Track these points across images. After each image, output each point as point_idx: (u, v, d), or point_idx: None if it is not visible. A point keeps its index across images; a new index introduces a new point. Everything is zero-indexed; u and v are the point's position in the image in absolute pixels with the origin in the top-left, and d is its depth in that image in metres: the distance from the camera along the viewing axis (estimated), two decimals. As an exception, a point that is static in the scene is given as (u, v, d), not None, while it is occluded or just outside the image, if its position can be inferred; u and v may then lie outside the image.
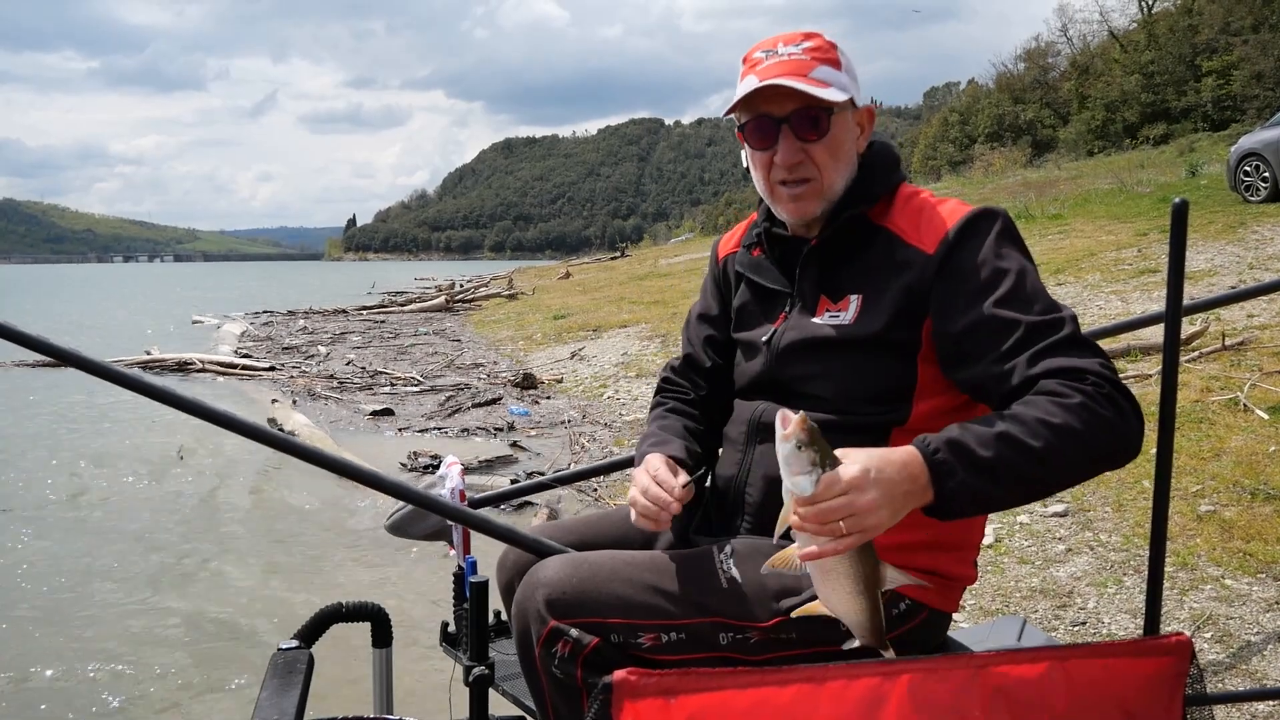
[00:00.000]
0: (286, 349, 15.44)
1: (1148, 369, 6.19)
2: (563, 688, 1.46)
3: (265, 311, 24.38)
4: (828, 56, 1.50)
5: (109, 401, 10.11)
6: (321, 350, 14.93)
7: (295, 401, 9.61)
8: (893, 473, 1.17)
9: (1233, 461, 4.34)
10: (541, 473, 6.25)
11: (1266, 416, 4.87)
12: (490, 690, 1.75)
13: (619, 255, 44.41)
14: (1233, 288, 7.60)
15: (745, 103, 1.51)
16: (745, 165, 1.61)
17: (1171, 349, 1.54)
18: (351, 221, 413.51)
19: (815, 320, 1.53)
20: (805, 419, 1.14)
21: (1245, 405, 5.07)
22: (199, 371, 12.80)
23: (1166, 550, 1.53)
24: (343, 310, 23.41)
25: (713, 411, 1.75)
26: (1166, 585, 3.26)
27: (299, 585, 4.67)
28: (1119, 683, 1.26)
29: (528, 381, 10.20)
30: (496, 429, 8.15)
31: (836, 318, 1.51)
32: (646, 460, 1.55)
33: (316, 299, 29.06)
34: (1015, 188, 24.29)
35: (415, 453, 7.12)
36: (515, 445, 7.46)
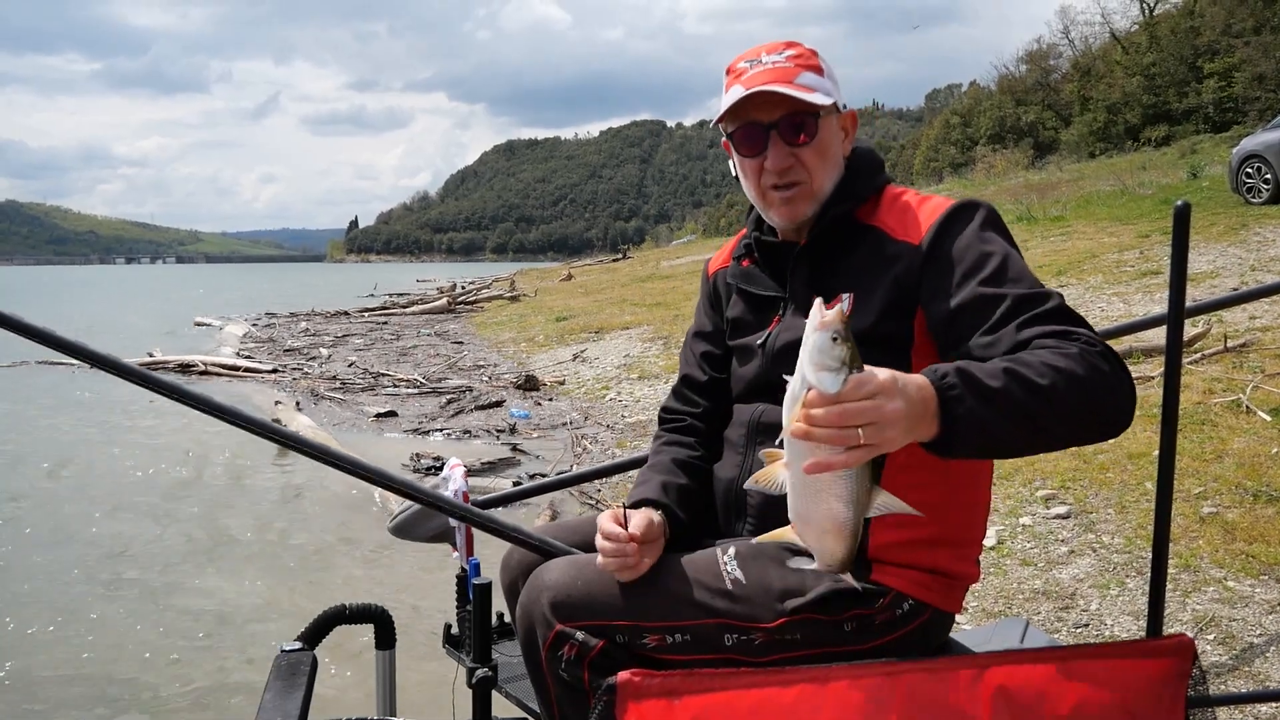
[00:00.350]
0: (289, 351, 15.45)
1: (1150, 371, 6.19)
2: (569, 690, 1.46)
3: (267, 313, 24.41)
4: (810, 63, 1.54)
5: (115, 400, 10.13)
6: (324, 352, 14.94)
7: (298, 403, 9.62)
8: (912, 391, 1.12)
9: (1235, 463, 4.34)
10: (544, 474, 6.26)
11: (1269, 418, 4.87)
12: (493, 692, 1.75)
13: (621, 257, 44.43)
14: (1235, 289, 7.60)
15: (733, 112, 1.54)
16: (734, 175, 1.64)
17: (1174, 351, 1.54)
18: (354, 223, 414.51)
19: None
20: (844, 312, 1.07)
21: (1247, 407, 5.06)
22: (201, 373, 12.81)
23: (1169, 552, 1.53)
24: (345, 312, 23.42)
25: (714, 424, 1.76)
26: (1169, 587, 3.25)
27: (302, 587, 4.69)
28: (1121, 684, 1.26)
29: (530, 383, 10.21)
30: (499, 431, 8.15)
31: None
32: (598, 521, 1.55)
33: (318, 301, 29.08)
34: (1017, 189, 24.29)
35: (418, 454, 7.13)
36: (517, 448, 7.47)
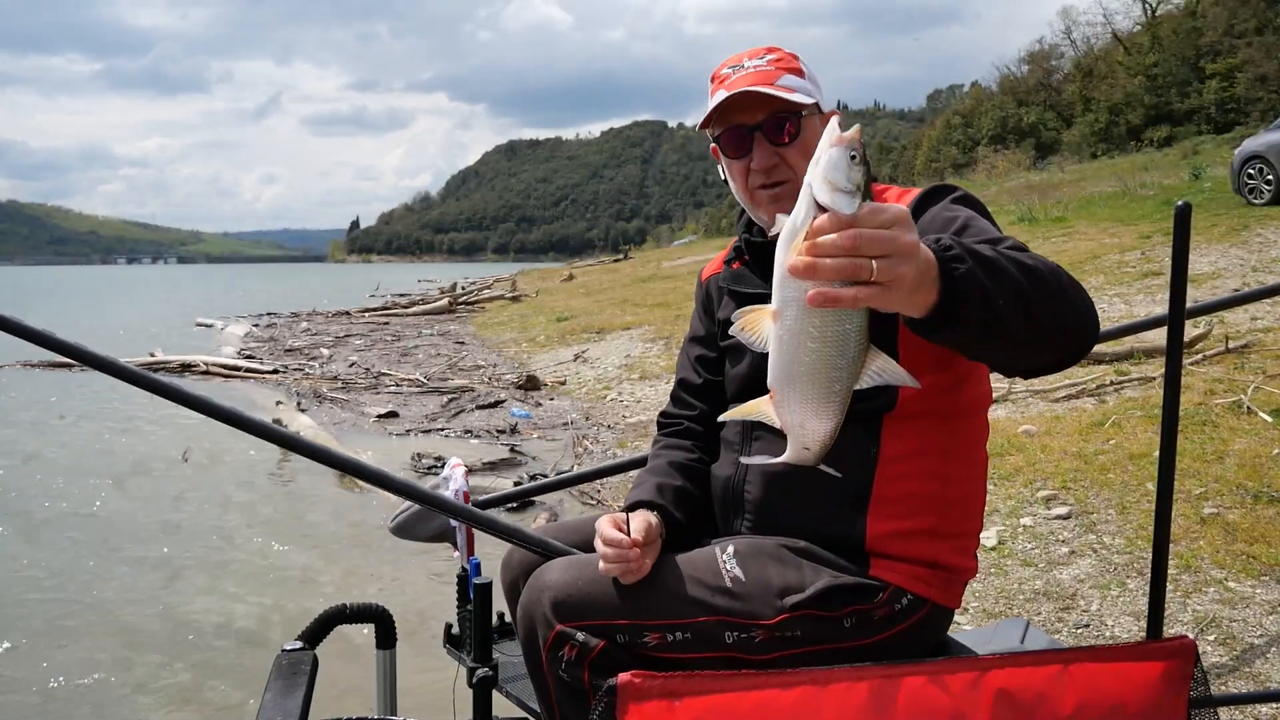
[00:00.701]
0: (290, 351, 15.45)
1: (1151, 371, 6.19)
2: (570, 691, 1.46)
3: (268, 314, 24.41)
4: (791, 66, 1.58)
5: (114, 402, 10.13)
6: (325, 352, 14.94)
7: (299, 404, 9.62)
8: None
9: (1236, 464, 4.34)
10: (544, 475, 6.25)
11: (1270, 419, 4.87)
12: (494, 692, 1.75)
13: (622, 257, 44.48)
14: (1236, 291, 7.60)
15: (718, 116, 1.59)
16: (723, 178, 1.68)
17: (1174, 352, 1.54)
18: (355, 224, 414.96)
19: None
20: (860, 131, 0.99)
21: (1249, 408, 5.06)
22: (203, 374, 12.80)
23: (1170, 553, 1.53)
24: (346, 312, 23.42)
25: (710, 426, 1.77)
26: (1170, 588, 3.26)
27: (303, 587, 4.68)
28: (1123, 685, 1.26)
29: (531, 383, 10.21)
30: (499, 431, 8.15)
31: None
32: (596, 526, 1.56)
33: (320, 301, 29.10)
34: (1019, 190, 24.29)
35: (419, 454, 7.13)
36: (517, 448, 7.46)
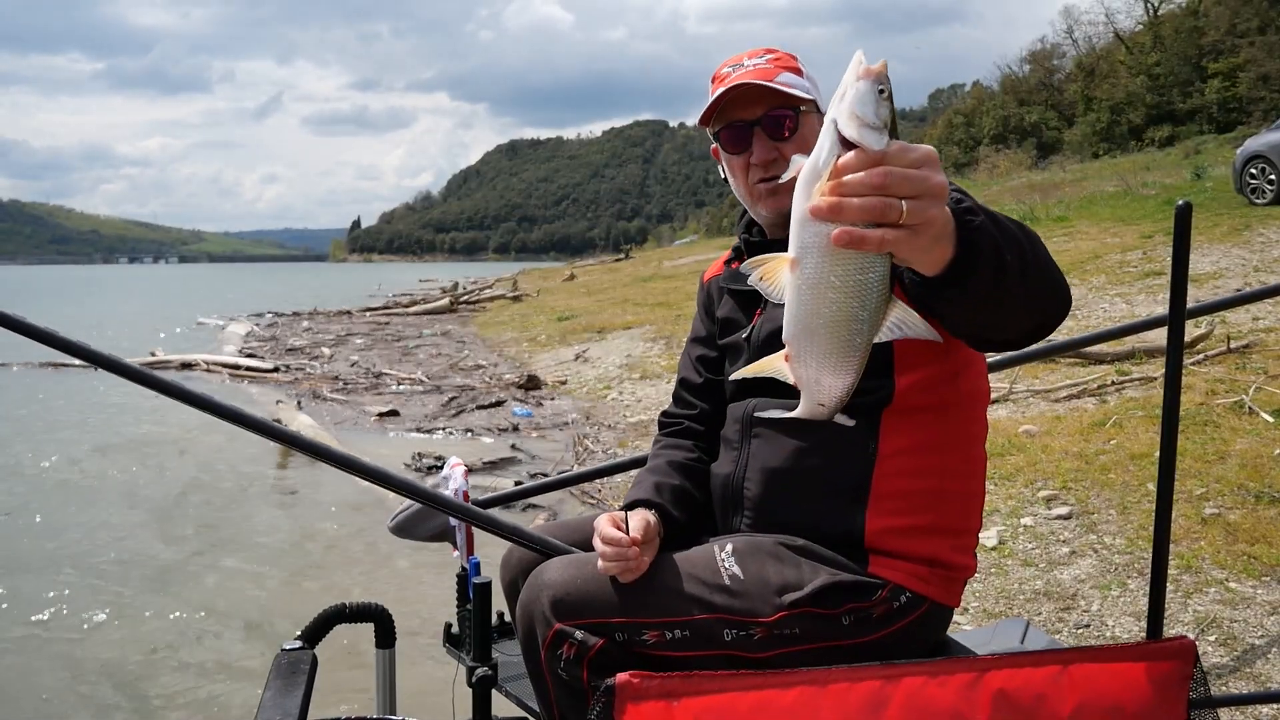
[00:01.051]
0: (291, 350, 15.46)
1: (1152, 371, 6.19)
2: (568, 690, 1.47)
3: (270, 313, 24.43)
4: (789, 65, 1.60)
5: (115, 399, 10.14)
6: (326, 351, 14.95)
7: (300, 402, 9.62)
8: None
9: (1237, 464, 4.34)
10: (545, 474, 6.25)
11: (1271, 420, 4.86)
12: (493, 691, 1.75)
13: (623, 257, 44.47)
14: (1238, 290, 7.59)
15: (718, 113, 1.62)
16: (723, 177, 1.70)
17: (1174, 352, 1.54)
18: (356, 223, 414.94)
19: None
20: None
21: (1250, 408, 5.06)
22: (204, 372, 12.82)
23: (1171, 553, 1.53)
24: (347, 312, 23.44)
25: (711, 426, 1.78)
26: (1171, 588, 3.25)
27: (302, 586, 4.69)
28: (1122, 686, 1.25)
29: (531, 383, 10.21)
30: (500, 430, 8.16)
31: None
32: (595, 524, 1.56)
33: (321, 300, 29.11)
34: (1020, 190, 24.26)
35: (419, 454, 7.13)
36: (518, 447, 7.47)
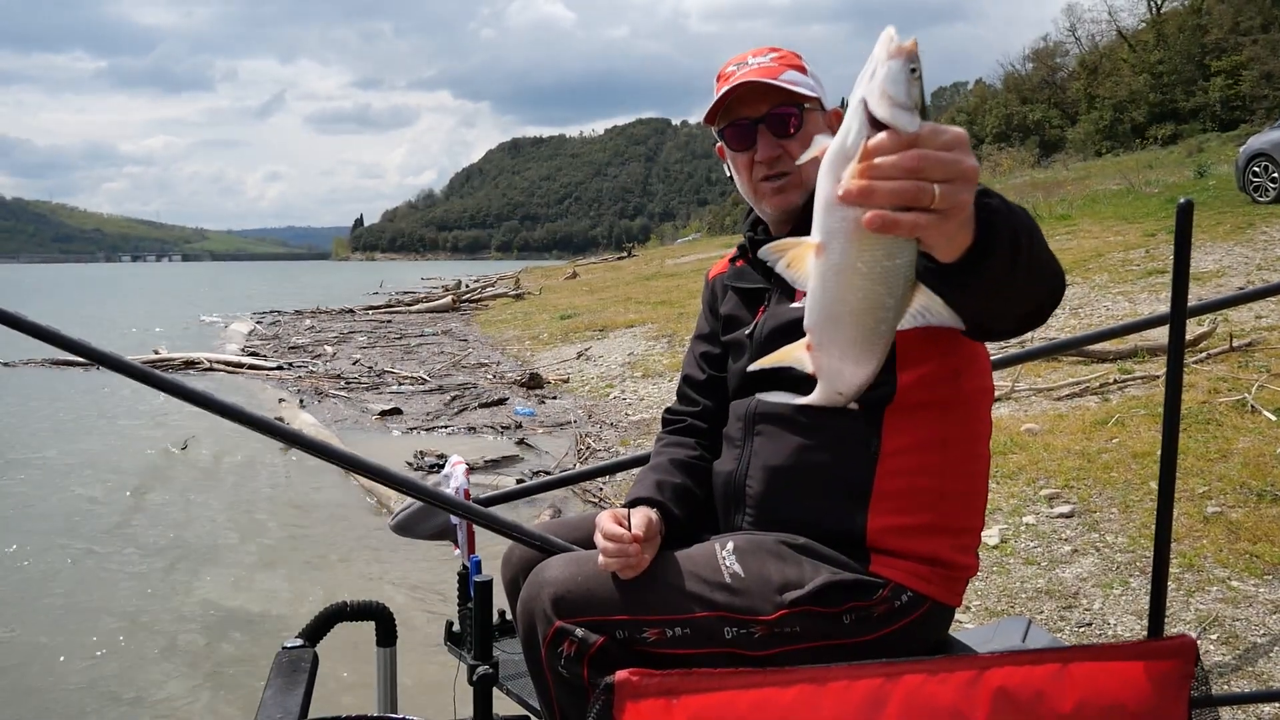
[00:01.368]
0: (293, 348, 15.47)
1: (1155, 370, 6.18)
2: (568, 687, 1.47)
3: (272, 311, 24.45)
4: (793, 64, 1.61)
5: (116, 397, 10.15)
6: (328, 350, 14.96)
7: (302, 401, 9.63)
8: None
9: (1240, 463, 4.33)
10: (548, 472, 6.26)
11: (1274, 418, 4.86)
12: (494, 689, 1.75)
13: (626, 255, 44.44)
14: (1240, 289, 7.58)
15: (723, 111, 1.62)
16: (728, 174, 1.70)
17: (1176, 350, 1.54)
18: (359, 221, 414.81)
19: (793, 305, 1.56)
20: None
21: (1253, 407, 5.05)
22: (206, 370, 12.83)
23: (1173, 551, 1.53)
24: (349, 310, 23.46)
25: (714, 423, 1.78)
26: (1173, 587, 3.25)
27: (304, 584, 4.69)
28: (1123, 685, 1.25)
29: (534, 381, 10.21)
30: (503, 428, 8.16)
31: None
32: (597, 521, 1.56)
33: (323, 299, 29.13)
34: (1023, 188, 24.23)
35: (421, 452, 7.13)
36: (521, 444, 7.47)
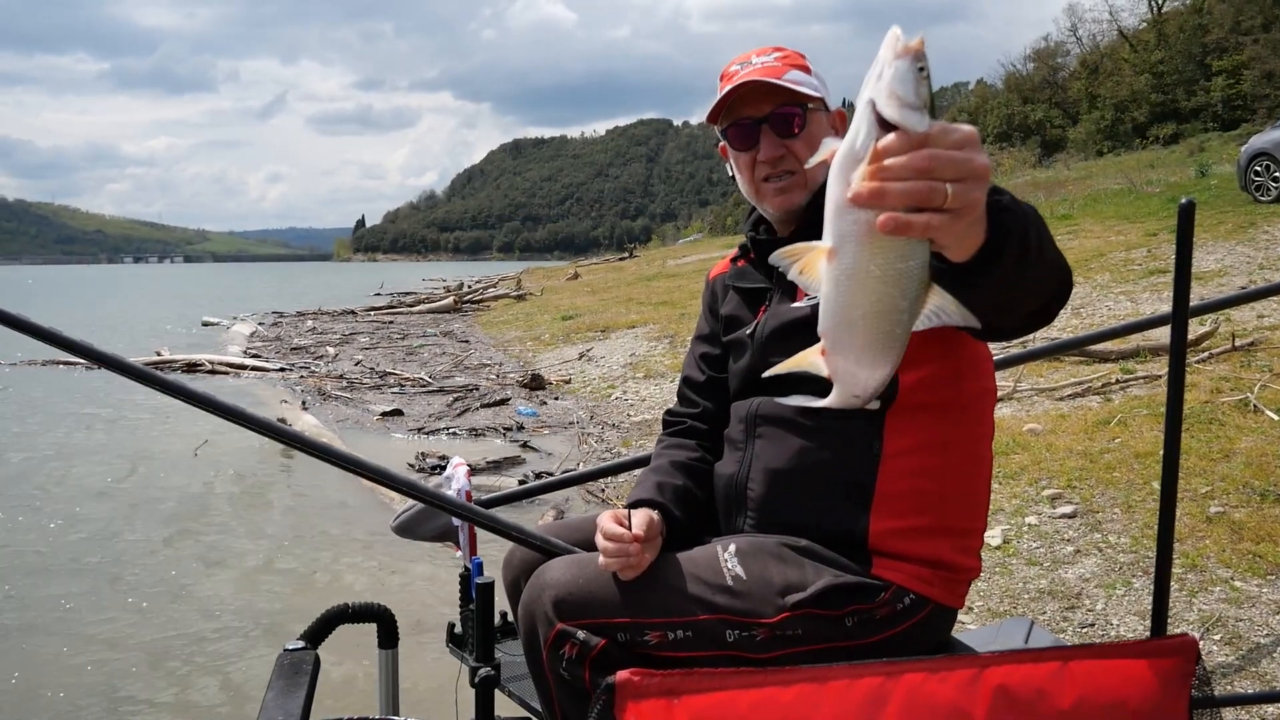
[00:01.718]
0: (295, 349, 15.49)
1: (1157, 370, 6.17)
2: (570, 689, 1.46)
3: (274, 312, 24.47)
4: (797, 63, 1.61)
5: (118, 399, 10.16)
6: (330, 351, 14.97)
7: (304, 402, 9.64)
8: None
9: (1243, 463, 4.32)
10: (550, 473, 6.25)
11: (1276, 417, 4.85)
12: (496, 691, 1.75)
13: (627, 256, 44.40)
14: (1243, 288, 7.57)
15: (726, 111, 1.62)
16: (731, 174, 1.69)
17: (1178, 349, 1.53)
18: (360, 222, 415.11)
19: (794, 305, 1.56)
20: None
21: (1255, 406, 5.04)
22: (208, 372, 12.84)
23: (1176, 552, 1.53)
24: (351, 311, 23.47)
25: (714, 424, 1.78)
26: (1176, 587, 3.25)
27: (305, 586, 4.69)
28: (1123, 684, 1.25)
29: (536, 382, 10.21)
30: (505, 429, 8.16)
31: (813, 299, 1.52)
32: (597, 521, 1.56)
33: (325, 300, 29.15)
34: (1024, 188, 24.20)
35: (423, 453, 7.13)
36: (524, 446, 7.47)
